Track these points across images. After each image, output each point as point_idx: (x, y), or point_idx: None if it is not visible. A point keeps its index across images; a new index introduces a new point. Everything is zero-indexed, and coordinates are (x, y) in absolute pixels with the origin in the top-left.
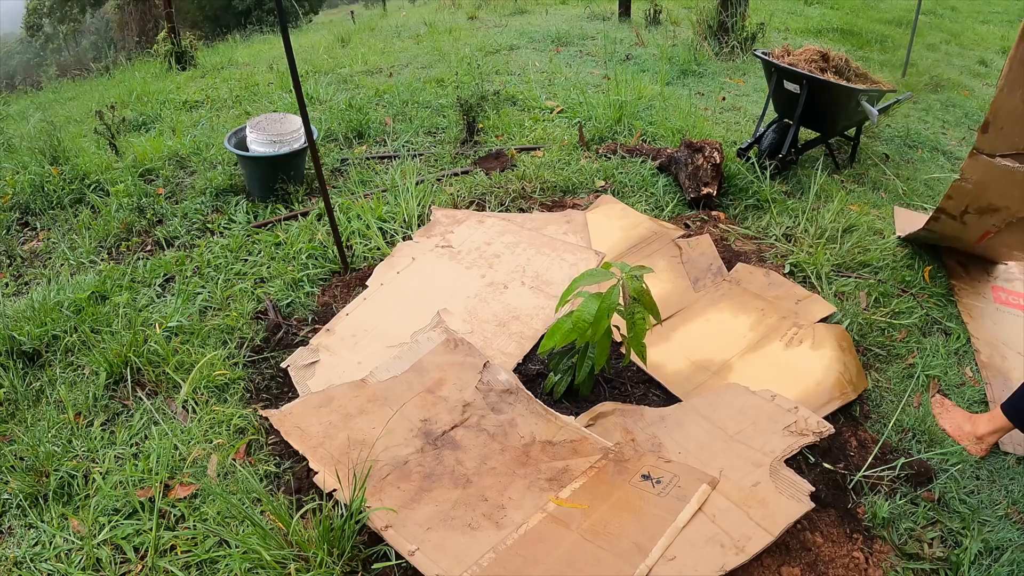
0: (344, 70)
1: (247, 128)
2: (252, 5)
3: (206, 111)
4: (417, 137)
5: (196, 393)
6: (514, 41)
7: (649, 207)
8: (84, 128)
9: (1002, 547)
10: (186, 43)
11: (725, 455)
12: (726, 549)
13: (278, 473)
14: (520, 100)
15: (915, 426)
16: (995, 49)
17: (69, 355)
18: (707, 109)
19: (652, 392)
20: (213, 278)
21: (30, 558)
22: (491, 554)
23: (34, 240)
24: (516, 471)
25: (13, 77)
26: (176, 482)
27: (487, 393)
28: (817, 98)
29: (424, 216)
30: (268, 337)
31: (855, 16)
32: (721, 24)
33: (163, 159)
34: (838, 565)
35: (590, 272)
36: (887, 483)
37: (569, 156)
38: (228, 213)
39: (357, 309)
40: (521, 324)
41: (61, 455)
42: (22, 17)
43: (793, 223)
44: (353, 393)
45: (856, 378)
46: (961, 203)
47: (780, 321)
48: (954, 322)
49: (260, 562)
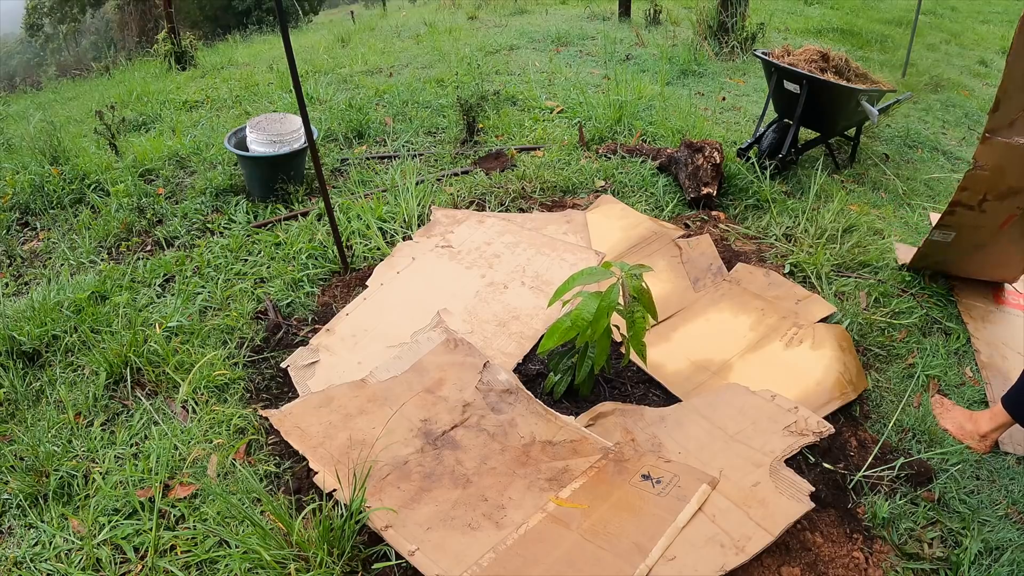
0: (344, 70)
1: (247, 128)
2: (252, 5)
3: (206, 111)
4: (417, 137)
5: (196, 393)
6: (514, 41)
7: (649, 207)
8: (84, 128)
9: (1002, 547)
10: (186, 43)
11: (725, 455)
12: (726, 549)
13: (278, 473)
14: (520, 100)
15: (915, 426)
16: (995, 49)
17: (69, 355)
18: (707, 109)
19: (652, 392)
20: (213, 278)
21: (30, 558)
22: (491, 554)
23: (34, 240)
24: (516, 471)
25: (13, 77)
26: (176, 482)
27: (487, 393)
28: (817, 98)
29: (424, 216)
30: (268, 337)
31: (855, 16)
32: (721, 24)
33: (163, 159)
34: (838, 565)
35: (589, 270)
36: (887, 483)
37: (569, 156)
38: (228, 213)
39: (357, 309)
40: (521, 324)
41: (61, 455)
42: (22, 17)
43: (793, 223)
44: (353, 393)
45: (856, 378)
46: (979, 192)
47: (780, 321)
48: (954, 322)
49: (260, 562)
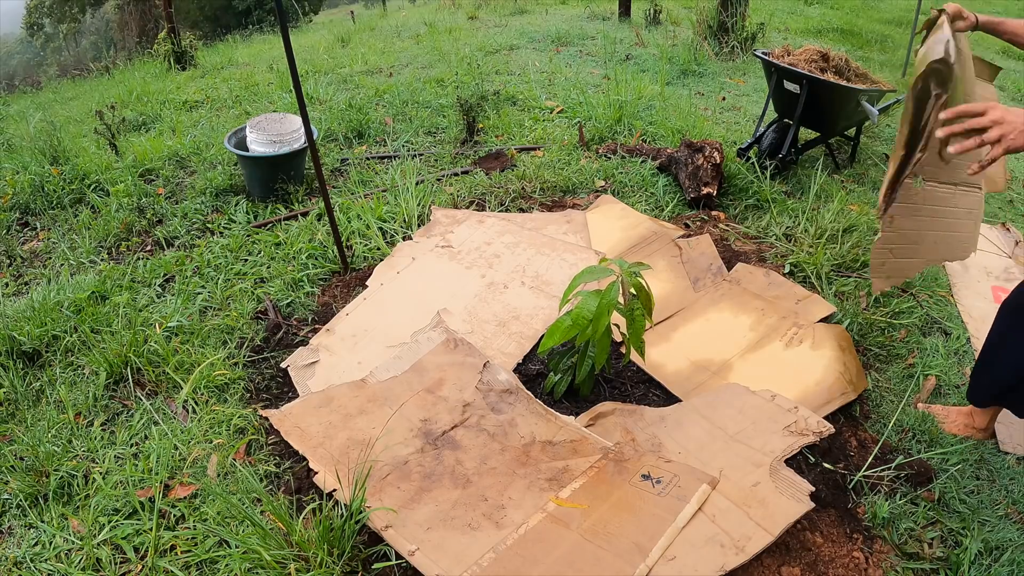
0: (344, 70)
1: (247, 128)
2: (252, 5)
3: (206, 111)
4: (417, 137)
5: (196, 393)
6: (514, 41)
7: (649, 207)
8: (84, 128)
9: (1002, 547)
10: (186, 43)
11: (725, 455)
12: (726, 549)
13: (278, 473)
14: (520, 100)
15: (915, 426)
16: (995, 49)
17: (69, 355)
18: (707, 109)
19: (652, 392)
20: (213, 278)
21: (30, 558)
22: (491, 554)
23: (34, 240)
24: (516, 471)
25: (13, 77)
26: (176, 482)
27: (487, 393)
28: (817, 98)
29: (424, 216)
30: (268, 337)
31: (855, 16)
32: (721, 24)
33: (163, 159)
34: (838, 565)
35: (590, 269)
36: (887, 483)
37: (569, 156)
38: (228, 213)
39: (357, 309)
40: (521, 324)
41: (61, 455)
42: (22, 17)
43: (793, 223)
44: (353, 393)
45: (856, 378)
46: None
47: (780, 321)
48: (954, 322)
49: (260, 562)
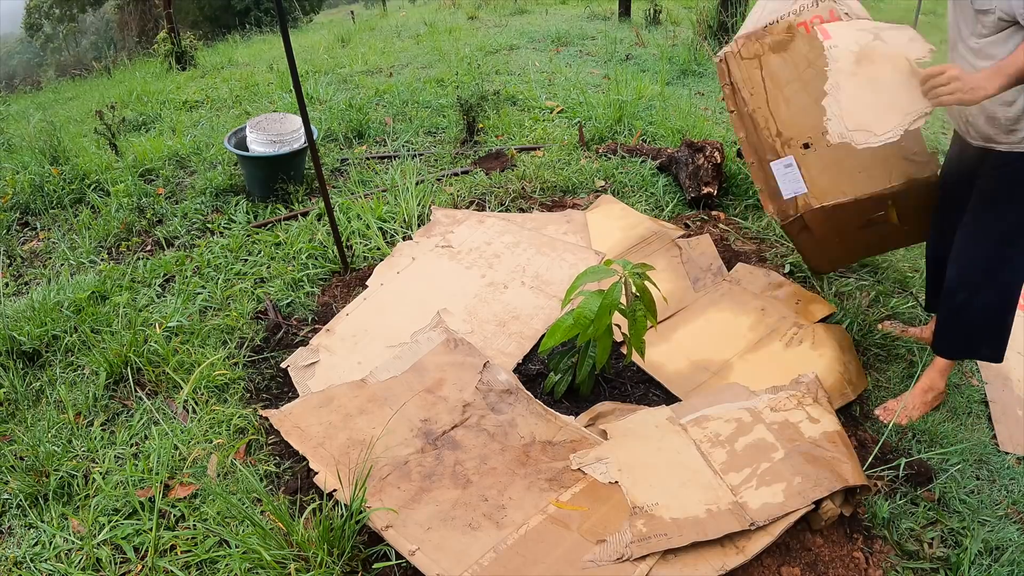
0: (344, 70)
1: (247, 128)
2: (251, 5)
3: (206, 111)
4: (417, 137)
5: (196, 393)
6: (514, 41)
7: (649, 207)
8: (84, 128)
9: (1002, 547)
10: (186, 43)
11: None
12: (726, 549)
13: (278, 473)
14: (520, 100)
15: (915, 426)
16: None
17: (69, 355)
18: (707, 109)
19: (652, 392)
20: (213, 278)
21: (30, 558)
22: (491, 554)
23: (34, 240)
24: (516, 471)
25: (13, 77)
26: (176, 482)
27: (487, 393)
28: None
29: (424, 216)
30: (268, 337)
31: None
32: (721, 24)
33: (163, 159)
34: (838, 565)
35: (592, 269)
36: (887, 483)
37: (569, 156)
38: (228, 213)
39: (357, 309)
40: (521, 324)
41: (61, 455)
42: (22, 17)
43: None
44: (353, 393)
45: (856, 378)
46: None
47: (780, 321)
48: None
49: (260, 562)
